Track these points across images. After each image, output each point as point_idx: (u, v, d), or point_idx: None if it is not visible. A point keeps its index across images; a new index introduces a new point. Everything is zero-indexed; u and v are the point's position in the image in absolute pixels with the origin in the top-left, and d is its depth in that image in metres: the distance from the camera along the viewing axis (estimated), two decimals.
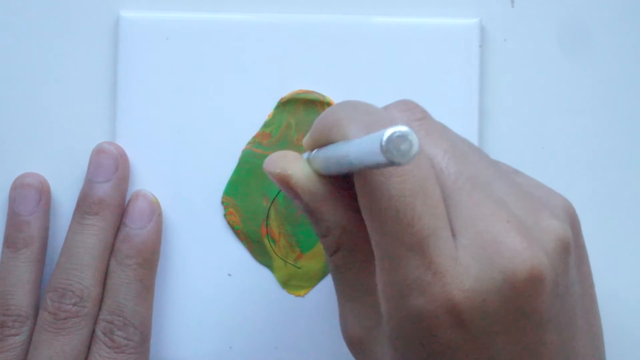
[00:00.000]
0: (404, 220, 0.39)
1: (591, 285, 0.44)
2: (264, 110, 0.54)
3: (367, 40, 0.54)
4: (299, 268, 0.54)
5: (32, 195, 0.54)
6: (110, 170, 0.53)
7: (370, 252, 0.42)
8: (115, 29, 0.55)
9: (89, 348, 0.52)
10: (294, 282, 0.54)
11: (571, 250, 0.41)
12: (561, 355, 0.41)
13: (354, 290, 0.43)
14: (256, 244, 0.54)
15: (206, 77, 0.54)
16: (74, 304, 0.51)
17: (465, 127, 0.54)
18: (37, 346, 0.51)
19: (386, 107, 0.44)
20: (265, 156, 0.54)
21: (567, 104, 0.54)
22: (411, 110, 0.43)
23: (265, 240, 0.54)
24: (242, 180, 0.54)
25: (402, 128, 0.35)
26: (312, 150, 0.45)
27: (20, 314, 0.52)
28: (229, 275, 0.54)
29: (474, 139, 0.54)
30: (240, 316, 0.54)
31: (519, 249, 0.39)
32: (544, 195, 0.43)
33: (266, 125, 0.54)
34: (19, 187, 0.54)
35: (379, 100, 0.54)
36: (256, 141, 0.54)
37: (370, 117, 0.41)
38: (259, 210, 0.54)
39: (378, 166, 0.37)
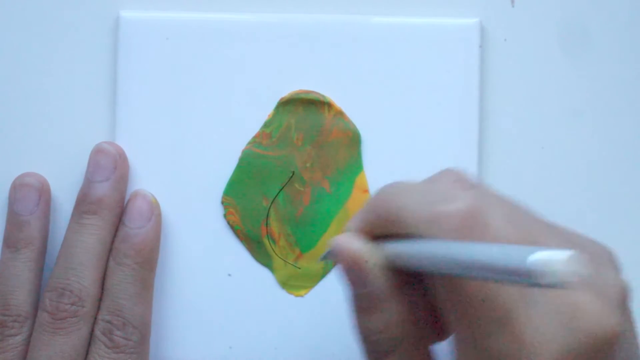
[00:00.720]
0: (491, 297, 0.39)
1: (634, 320, 0.44)
2: (264, 110, 0.54)
3: (367, 41, 0.54)
4: (299, 268, 0.54)
5: (32, 195, 0.54)
6: (108, 170, 0.53)
7: (429, 342, 0.42)
8: (115, 29, 0.55)
9: (88, 348, 0.52)
10: (294, 282, 0.54)
11: (630, 297, 0.42)
12: None
13: None
14: (256, 244, 0.54)
15: (206, 77, 0.54)
16: (73, 304, 0.51)
17: (465, 127, 0.54)
18: (36, 346, 0.51)
19: (432, 180, 0.43)
20: (265, 156, 0.54)
21: (567, 104, 0.54)
22: (461, 181, 0.42)
23: (265, 240, 0.54)
24: (242, 180, 0.54)
25: (570, 253, 0.34)
26: (370, 237, 0.43)
27: (20, 314, 0.52)
28: (229, 275, 0.54)
29: (474, 139, 0.54)
30: (240, 316, 0.54)
31: (598, 311, 0.39)
32: (587, 244, 0.43)
33: (266, 125, 0.54)
34: (18, 187, 0.54)
35: (379, 100, 0.54)
36: (256, 141, 0.54)
37: (429, 197, 0.40)
38: (259, 210, 0.54)
39: (519, 283, 0.36)
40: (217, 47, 0.54)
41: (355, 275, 0.42)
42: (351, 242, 0.42)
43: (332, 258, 0.43)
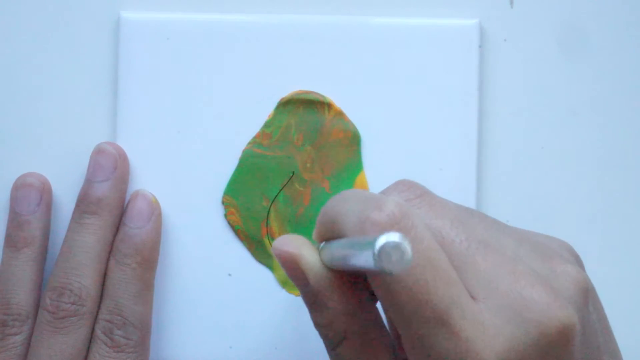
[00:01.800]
0: (421, 297, 0.39)
1: (605, 318, 0.44)
2: (264, 110, 0.55)
3: (367, 41, 0.54)
4: None
5: (33, 195, 0.54)
6: (108, 170, 0.53)
7: (379, 338, 0.42)
8: (116, 29, 0.55)
9: (88, 347, 0.52)
10: None
11: (590, 291, 0.42)
12: None
13: None
14: (256, 244, 0.54)
15: (206, 77, 0.54)
16: (73, 303, 0.51)
17: (465, 127, 0.54)
18: (37, 345, 0.51)
19: (385, 190, 0.44)
20: (265, 156, 0.54)
21: (566, 104, 0.54)
22: (410, 190, 0.43)
23: (266, 240, 0.54)
24: (242, 180, 0.54)
25: (393, 237, 0.35)
26: (321, 242, 0.45)
27: (20, 313, 0.52)
28: (229, 275, 0.55)
29: (473, 140, 0.54)
30: (240, 316, 0.54)
31: (547, 302, 0.39)
32: (544, 241, 0.44)
33: (266, 125, 0.54)
34: (20, 187, 0.54)
35: (379, 100, 0.54)
36: (256, 141, 0.54)
37: (361, 205, 0.41)
38: (259, 210, 0.54)
39: (376, 272, 0.36)
40: (218, 48, 0.54)
41: (294, 273, 0.43)
42: (286, 242, 0.43)
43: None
